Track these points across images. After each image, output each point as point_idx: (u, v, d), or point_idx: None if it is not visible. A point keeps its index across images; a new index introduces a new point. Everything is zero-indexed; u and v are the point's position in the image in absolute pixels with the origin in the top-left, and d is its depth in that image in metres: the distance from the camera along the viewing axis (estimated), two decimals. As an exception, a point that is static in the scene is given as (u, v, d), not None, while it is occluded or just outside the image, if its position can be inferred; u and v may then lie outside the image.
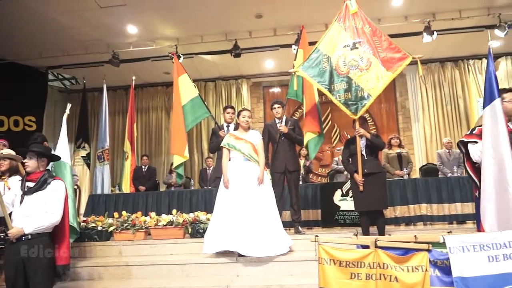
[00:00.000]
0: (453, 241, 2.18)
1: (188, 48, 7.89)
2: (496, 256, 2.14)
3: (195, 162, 9.69)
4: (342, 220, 5.71)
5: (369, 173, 4.34)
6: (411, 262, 2.26)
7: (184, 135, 5.55)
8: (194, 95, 5.72)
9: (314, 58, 4.76)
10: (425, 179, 5.98)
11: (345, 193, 5.77)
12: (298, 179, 5.13)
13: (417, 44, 7.26)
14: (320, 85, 4.66)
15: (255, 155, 4.19)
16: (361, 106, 4.48)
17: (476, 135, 3.09)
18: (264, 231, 3.88)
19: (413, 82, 9.49)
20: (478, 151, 3.01)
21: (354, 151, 4.46)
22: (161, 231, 4.81)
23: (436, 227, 5.47)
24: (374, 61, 4.49)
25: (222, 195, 4.15)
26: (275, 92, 10.05)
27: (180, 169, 5.61)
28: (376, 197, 4.30)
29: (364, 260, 2.36)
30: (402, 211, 5.71)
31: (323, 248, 2.45)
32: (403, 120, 9.50)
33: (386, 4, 6.87)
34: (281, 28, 7.59)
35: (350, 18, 4.69)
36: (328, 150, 9.46)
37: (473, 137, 3.10)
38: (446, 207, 5.66)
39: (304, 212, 5.79)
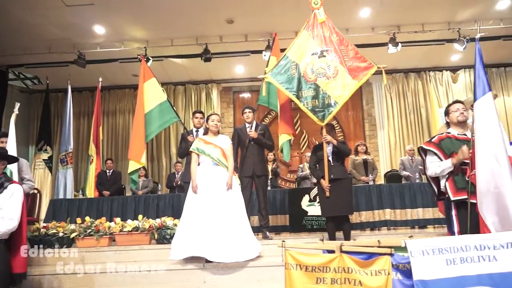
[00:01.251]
0: (414, 245, 2.26)
1: (157, 50, 7.79)
2: (454, 260, 2.23)
3: (163, 166, 9.54)
4: (309, 225, 5.79)
5: (336, 179, 4.42)
6: (375, 266, 2.32)
7: (143, 142, 5.46)
8: (162, 100, 5.64)
9: (282, 64, 4.82)
10: (389, 185, 6.16)
11: (312, 198, 5.85)
12: (266, 184, 5.16)
13: (382, 54, 7.50)
14: (288, 91, 4.72)
15: (224, 160, 4.17)
16: (328, 113, 4.57)
17: (434, 143, 3.20)
18: (233, 237, 3.86)
19: (379, 91, 9.79)
20: (436, 167, 3.11)
21: (321, 157, 4.53)
22: (126, 237, 4.69)
23: (399, 232, 5.63)
24: (341, 70, 4.60)
25: (190, 200, 4.10)
26: (245, 97, 10.08)
27: (135, 175, 5.53)
28: (342, 203, 4.38)
29: (329, 264, 2.40)
30: (367, 216, 5.85)
31: (289, 253, 2.47)
32: (369, 128, 9.76)
33: (354, 15, 7.07)
34: (252, 34, 7.64)
35: (318, 27, 4.80)
36: (296, 156, 9.56)
37: (431, 145, 3.20)
38: (409, 212, 5.86)
39: (272, 217, 5.83)
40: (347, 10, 6.81)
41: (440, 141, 3.18)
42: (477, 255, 2.24)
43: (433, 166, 3.15)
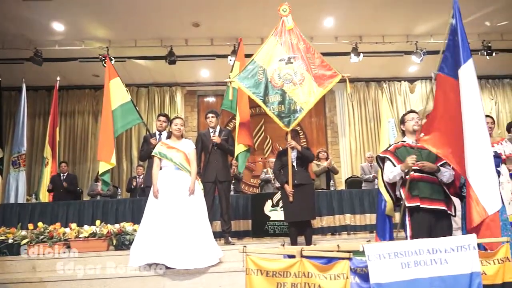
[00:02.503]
0: (371, 249, 2.32)
1: (120, 51, 7.61)
2: (408, 263, 2.31)
3: (124, 170, 9.28)
4: (272, 230, 5.81)
5: (299, 184, 4.47)
6: (334, 270, 2.35)
7: (112, 141, 5.29)
8: (125, 100, 5.49)
9: (250, 69, 4.83)
10: (350, 191, 6.31)
11: (275, 203, 5.88)
12: (229, 190, 5.14)
13: (345, 63, 7.72)
14: (255, 96, 4.74)
15: (186, 165, 4.12)
16: (293, 119, 4.62)
17: (390, 151, 3.32)
18: (194, 243, 3.80)
19: (341, 99, 10.06)
20: (389, 172, 3.23)
21: (285, 162, 4.56)
22: (82, 243, 4.50)
23: (358, 236, 5.76)
24: (307, 77, 4.67)
25: (151, 205, 4.00)
26: (210, 101, 10.03)
27: (106, 176, 5.32)
28: (305, 208, 4.42)
29: (290, 269, 2.41)
30: (328, 221, 5.96)
31: (250, 258, 2.46)
32: (331, 134, 9.99)
33: (318, 24, 7.24)
34: (218, 38, 7.64)
35: (286, 34, 4.86)
36: (260, 161, 9.61)
37: (387, 153, 3.31)
38: (368, 217, 6.02)
39: (235, 222, 5.81)
40: (312, 18, 6.96)
41: (395, 150, 3.31)
42: (429, 258, 2.33)
43: (387, 172, 3.27)
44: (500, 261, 2.56)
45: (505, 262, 2.56)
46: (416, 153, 3.14)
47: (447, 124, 3.03)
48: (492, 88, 10.21)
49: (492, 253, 2.62)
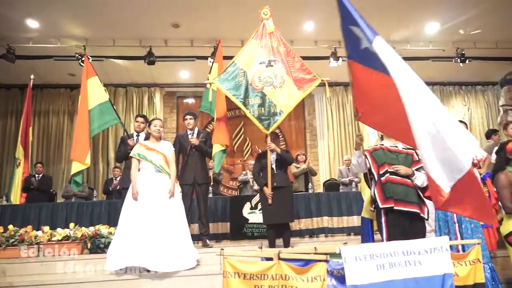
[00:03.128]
0: (347, 251, 2.35)
1: (98, 50, 7.46)
2: (383, 265, 2.35)
3: (100, 171, 9.09)
4: (250, 233, 5.81)
5: (278, 186, 4.48)
6: (311, 272, 2.37)
7: (88, 141, 5.17)
8: (103, 100, 5.39)
9: (230, 71, 4.83)
10: (328, 194, 6.38)
11: (254, 206, 5.88)
12: (207, 192, 5.11)
13: (324, 67, 7.80)
14: (235, 98, 4.74)
15: (166, 167, 4.07)
16: (273, 122, 4.65)
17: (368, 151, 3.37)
18: (172, 245, 3.77)
19: (320, 102, 10.17)
20: (355, 160, 3.33)
21: (264, 165, 4.58)
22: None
23: (336, 239, 5.83)
24: (287, 80, 4.71)
25: (128, 207, 3.94)
26: (189, 103, 9.96)
27: (79, 177, 5.19)
28: (284, 210, 4.44)
29: (267, 272, 2.41)
30: (306, 224, 6.00)
31: (228, 261, 2.46)
32: (310, 138, 10.07)
33: (298, 27, 7.30)
34: (198, 40, 7.60)
35: (267, 37, 4.89)
36: (239, 163, 9.60)
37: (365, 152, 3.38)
38: (345, 219, 6.10)
39: (213, 225, 5.77)
40: (293, 22, 7.01)
41: (373, 151, 3.37)
42: (404, 260, 2.38)
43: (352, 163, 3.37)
44: (472, 263, 2.64)
45: (476, 264, 2.63)
46: (393, 156, 3.22)
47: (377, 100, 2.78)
48: (465, 94, 10.54)
49: (463, 255, 2.70)
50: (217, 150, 5.13)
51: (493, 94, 10.47)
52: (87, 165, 5.14)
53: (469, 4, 6.68)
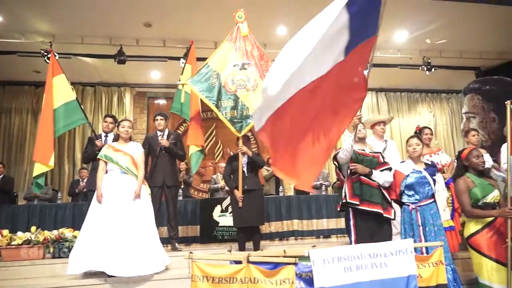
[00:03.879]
0: (316, 254, 2.37)
1: (65, 47, 7.21)
2: (351, 267, 2.39)
3: (65, 173, 8.78)
4: (220, 236, 5.77)
5: (249, 189, 4.48)
6: (280, 275, 2.38)
7: (52, 141, 4.98)
8: (70, 99, 5.21)
9: (204, 73, 4.81)
10: (298, 197, 6.43)
11: (224, 209, 5.85)
12: (176, 195, 5.05)
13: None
14: (208, 100, 4.71)
15: (133, 168, 4.00)
16: (245, 125, 4.65)
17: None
18: (138, 249, 3.69)
19: (292, 106, 10.24)
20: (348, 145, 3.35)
21: (235, 167, 4.57)
22: (15, 251, 4.20)
23: (305, 241, 5.88)
24: (260, 83, 4.71)
25: (94, 210, 3.83)
26: (160, 104, 9.80)
27: (41, 179, 4.97)
28: (254, 214, 4.44)
29: (236, 275, 2.40)
30: (276, 227, 6.02)
31: (196, 265, 2.43)
32: (281, 141, 10.12)
33: (272, 31, 7.33)
34: (170, 40, 7.50)
35: (241, 40, 4.89)
36: (210, 166, 9.53)
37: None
38: (315, 222, 6.16)
39: (183, 228, 5.71)
40: (266, 26, 7.04)
41: None
42: (370, 262, 2.43)
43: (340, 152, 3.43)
44: (434, 265, 2.73)
45: (438, 265, 2.72)
46: (360, 158, 3.44)
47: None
48: (431, 101, 10.90)
49: (427, 257, 2.79)
50: (194, 151, 5.08)
51: (457, 102, 10.88)
52: (50, 167, 4.94)
53: (435, 15, 6.92)
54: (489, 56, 8.60)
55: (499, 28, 7.26)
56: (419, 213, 3.46)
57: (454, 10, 6.64)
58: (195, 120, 5.19)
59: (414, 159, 3.66)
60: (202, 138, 5.24)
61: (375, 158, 3.53)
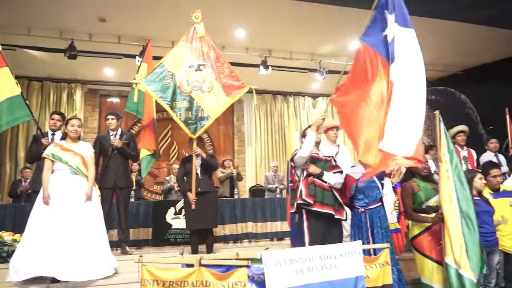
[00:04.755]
0: (268, 257, 2.40)
1: (9, 38, 6.77)
2: (302, 269, 2.44)
3: (6, 172, 8.23)
4: (173, 239, 5.68)
5: (203, 192, 4.44)
6: (232, 278, 2.38)
7: None
8: (14, 94, 4.88)
9: (158, 72, 4.70)
10: (253, 199, 6.47)
11: (178, 211, 5.76)
12: (128, 197, 4.90)
13: (254, 75, 7.93)
14: (162, 100, 4.62)
15: (83, 169, 3.83)
16: (200, 126, 4.60)
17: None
18: (85, 253, 3.53)
19: (249, 109, 10.30)
20: (310, 144, 3.46)
21: (189, 169, 4.51)
22: None
23: (259, 244, 5.91)
24: (216, 85, 4.70)
25: (38, 212, 3.62)
26: (114, 102, 9.49)
27: None
28: (207, 216, 4.41)
29: (187, 279, 2.37)
30: (230, 229, 6.01)
31: (146, 269, 2.37)
32: (238, 143, 10.15)
33: (230, 34, 7.34)
34: (126, 37, 7.28)
35: (197, 41, 4.84)
36: (165, 167, 9.35)
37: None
38: (269, 225, 6.22)
39: (134, 230, 5.56)
40: (225, 28, 7.03)
41: None
42: (321, 264, 2.49)
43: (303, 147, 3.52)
44: (381, 265, 2.85)
45: (385, 266, 2.84)
46: (314, 161, 3.52)
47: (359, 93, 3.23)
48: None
49: (374, 258, 2.90)
50: (145, 155, 4.95)
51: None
52: None
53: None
54: (435, 68, 9.13)
55: (445, 42, 7.72)
56: (368, 216, 3.60)
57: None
58: (148, 121, 5.06)
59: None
60: (154, 141, 5.13)
61: (328, 161, 3.64)
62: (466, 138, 5.51)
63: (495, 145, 5.83)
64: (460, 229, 2.98)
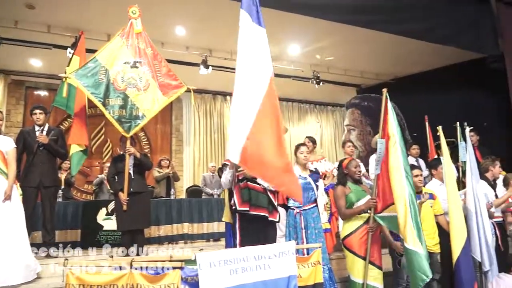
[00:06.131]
0: (202, 258, 2.38)
1: None
2: (236, 270, 2.45)
3: None
4: (104, 241, 5.44)
5: (135, 192, 4.32)
6: (164, 280, 2.33)
7: None
8: None
9: (91, 67, 4.46)
10: (189, 200, 6.39)
11: (110, 212, 5.54)
12: (55, 196, 4.63)
13: (195, 74, 7.84)
14: (93, 96, 4.39)
15: (3, 166, 3.58)
16: (134, 125, 4.46)
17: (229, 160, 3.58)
18: (4, 256, 3.28)
19: (188, 108, 10.14)
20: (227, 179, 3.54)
21: (121, 169, 4.36)
22: None
23: (195, 245, 5.85)
24: (152, 84, 4.57)
25: None
26: (41, 95, 8.86)
27: None
28: (139, 216, 4.31)
29: (117, 282, 2.28)
30: (166, 230, 5.89)
31: (72, 272, 2.24)
32: (176, 143, 9.96)
33: (170, 30, 7.17)
34: (57, 27, 6.81)
35: (134, 37, 4.67)
36: (97, 166, 8.90)
37: (227, 161, 3.64)
38: (205, 226, 6.18)
39: (61, 232, 5.28)
40: (164, 24, 6.86)
41: None
42: (255, 264, 2.52)
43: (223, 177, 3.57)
44: (313, 265, 2.95)
45: (316, 266, 2.95)
46: None
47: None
48: (319, 113, 11.84)
49: (306, 258, 3.00)
50: (75, 151, 4.69)
51: (341, 115, 12.00)
52: None
53: (324, 33, 7.51)
54: (368, 76, 9.68)
55: (377, 52, 8.23)
56: (303, 216, 3.73)
57: (339, 31, 7.27)
58: (79, 116, 4.79)
59: (301, 165, 3.93)
60: (86, 137, 4.87)
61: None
62: None
63: (417, 151, 6.36)
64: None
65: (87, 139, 4.89)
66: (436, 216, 4.01)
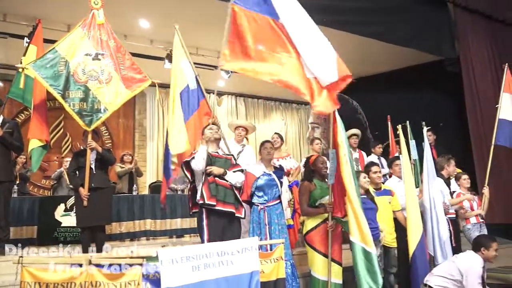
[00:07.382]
0: (164, 254, 2.37)
1: None
2: (198, 266, 2.45)
3: None
4: (62, 237, 5.29)
5: (96, 187, 4.23)
6: (125, 278, 2.30)
7: None
8: None
9: (50, 58, 4.29)
10: (153, 196, 6.29)
11: (69, 208, 5.37)
12: (9, 191, 4.44)
13: (159, 68, 7.69)
14: (52, 89, 4.23)
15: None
16: (96, 119, 4.34)
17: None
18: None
19: (152, 102, 9.92)
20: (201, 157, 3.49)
21: (82, 164, 4.24)
22: None
23: (157, 241, 5.78)
24: (115, 77, 4.46)
25: None
26: (-5, 86, 8.39)
27: None
28: (100, 212, 4.22)
29: (75, 280, 2.23)
30: (127, 227, 5.78)
31: (27, 270, 2.17)
32: (139, 138, 9.73)
33: (133, 23, 7.00)
34: (13, 15, 6.47)
35: (95, 28, 4.53)
36: (56, 161, 8.55)
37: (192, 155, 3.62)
38: (168, 222, 6.11)
39: (16, 229, 5.08)
40: (127, 16, 6.68)
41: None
42: (218, 260, 2.54)
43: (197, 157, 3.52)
44: (275, 260, 3.00)
45: (279, 261, 3.00)
46: (214, 160, 3.58)
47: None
48: (284, 110, 11.95)
49: (269, 253, 3.04)
50: (35, 146, 4.50)
51: (305, 112, 12.16)
52: None
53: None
54: (333, 76, 9.86)
55: (342, 52, 8.12)
56: (267, 213, 3.78)
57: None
58: (39, 110, 4.58)
59: (265, 162, 3.97)
60: (47, 131, 4.68)
61: (228, 160, 3.72)
62: (358, 141, 6.09)
63: (380, 149, 6.59)
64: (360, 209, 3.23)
65: (48, 134, 4.71)
66: (394, 212, 4.18)
